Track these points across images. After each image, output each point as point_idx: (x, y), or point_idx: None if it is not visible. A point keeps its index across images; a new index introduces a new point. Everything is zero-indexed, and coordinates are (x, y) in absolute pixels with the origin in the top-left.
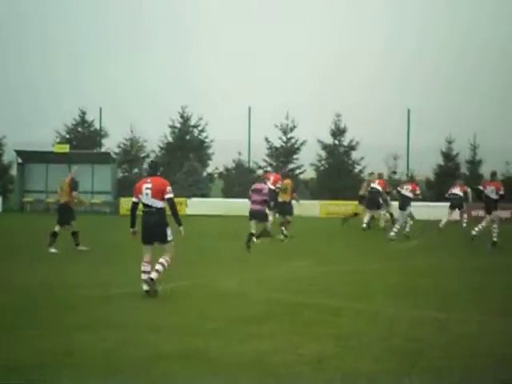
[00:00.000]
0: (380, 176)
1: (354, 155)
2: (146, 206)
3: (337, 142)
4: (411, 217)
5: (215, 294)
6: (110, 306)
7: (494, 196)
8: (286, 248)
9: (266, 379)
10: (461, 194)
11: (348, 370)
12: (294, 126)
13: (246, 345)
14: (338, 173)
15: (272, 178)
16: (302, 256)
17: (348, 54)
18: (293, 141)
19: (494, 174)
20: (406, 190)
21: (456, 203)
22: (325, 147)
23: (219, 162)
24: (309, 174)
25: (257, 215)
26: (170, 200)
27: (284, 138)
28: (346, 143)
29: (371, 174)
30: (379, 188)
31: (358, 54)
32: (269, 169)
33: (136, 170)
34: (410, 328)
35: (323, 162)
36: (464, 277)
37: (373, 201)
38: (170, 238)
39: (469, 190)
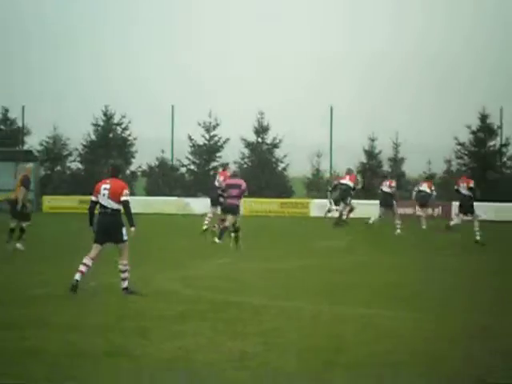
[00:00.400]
0: (349, 171)
1: (278, 153)
2: (102, 206)
3: (260, 139)
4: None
5: (139, 292)
6: (38, 305)
7: (467, 192)
8: (210, 245)
9: (189, 377)
10: (428, 191)
11: (270, 368)
12: (217, 124)
13: (169, 343)
14: (262, 170)
15: (222, 177)
16: (227, 253)
17: (268, 52)
18: (216, 139)
19: (465, 172)
20: (385, 186)
21: (423, 200)
22: (248, 145)
23: (142, 159)
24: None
25: (230, 209)
26: (125, 202)
27: (207, 136)
28: (269, 141)
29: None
30: (350, 184)
31: (278, 52)
32: (192, 167)
33: (59, 168)
34: (331, 325)
35: (246, 160)
36: (386, 274)
37: (345, 196)
38: (125, 238)
39: (433, 187)
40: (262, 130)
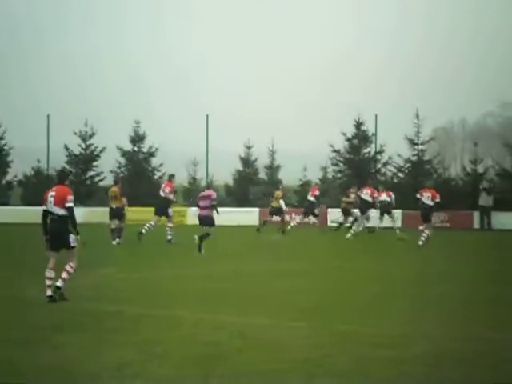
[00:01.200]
0: (310, 184)
1: (154, 161)
2: (50, 213)
3: (136, 148)
4: (367, 219)
5: (20, 303)
6: None
7: (430, 203)
8: (91, 255)
9: None
10: (389, 199)
11: (148, 376)
12: (94, 133)
13: (48, 354)
14: (138, 179)
15: (168, 188)
16: (107, 263)
17: (142, 62)
18: (92, 148)
19: (428, 182)
20: (366, 195)
21: (384, 209)
22: (124, 154)
23: (18, 169)
24: (109, 181)
25: (205, 220)
26: (69, 209)
27: (83, 145)
28: (145, 150)
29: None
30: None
31: (153, 62)
32: (71, 177)
33: None
34: (211, 333)
35: (123, 169)
36: (269, 281)
37: (312, 209)
38: (73, 244)
39: (391, 194)
40: (138, 138)
